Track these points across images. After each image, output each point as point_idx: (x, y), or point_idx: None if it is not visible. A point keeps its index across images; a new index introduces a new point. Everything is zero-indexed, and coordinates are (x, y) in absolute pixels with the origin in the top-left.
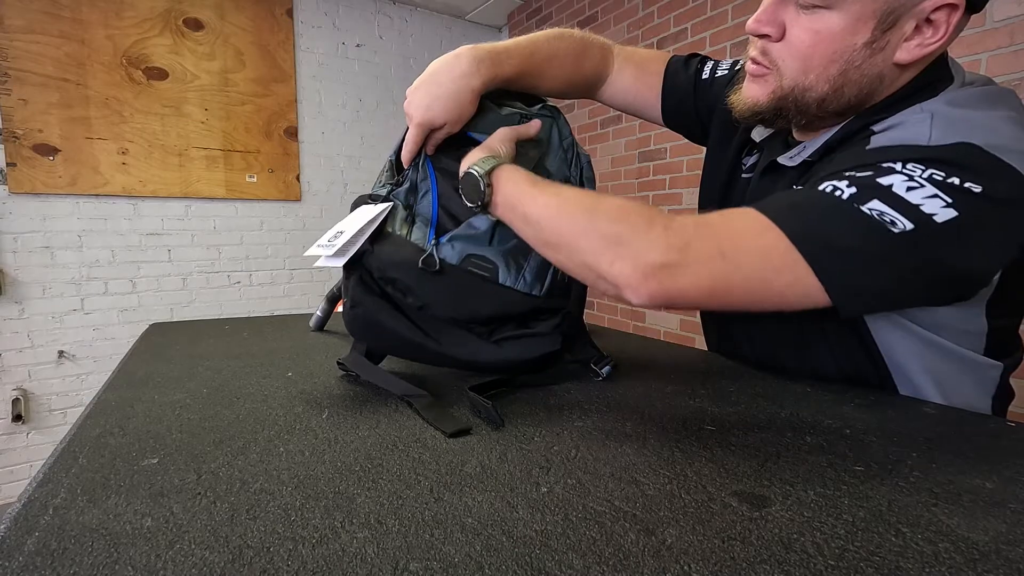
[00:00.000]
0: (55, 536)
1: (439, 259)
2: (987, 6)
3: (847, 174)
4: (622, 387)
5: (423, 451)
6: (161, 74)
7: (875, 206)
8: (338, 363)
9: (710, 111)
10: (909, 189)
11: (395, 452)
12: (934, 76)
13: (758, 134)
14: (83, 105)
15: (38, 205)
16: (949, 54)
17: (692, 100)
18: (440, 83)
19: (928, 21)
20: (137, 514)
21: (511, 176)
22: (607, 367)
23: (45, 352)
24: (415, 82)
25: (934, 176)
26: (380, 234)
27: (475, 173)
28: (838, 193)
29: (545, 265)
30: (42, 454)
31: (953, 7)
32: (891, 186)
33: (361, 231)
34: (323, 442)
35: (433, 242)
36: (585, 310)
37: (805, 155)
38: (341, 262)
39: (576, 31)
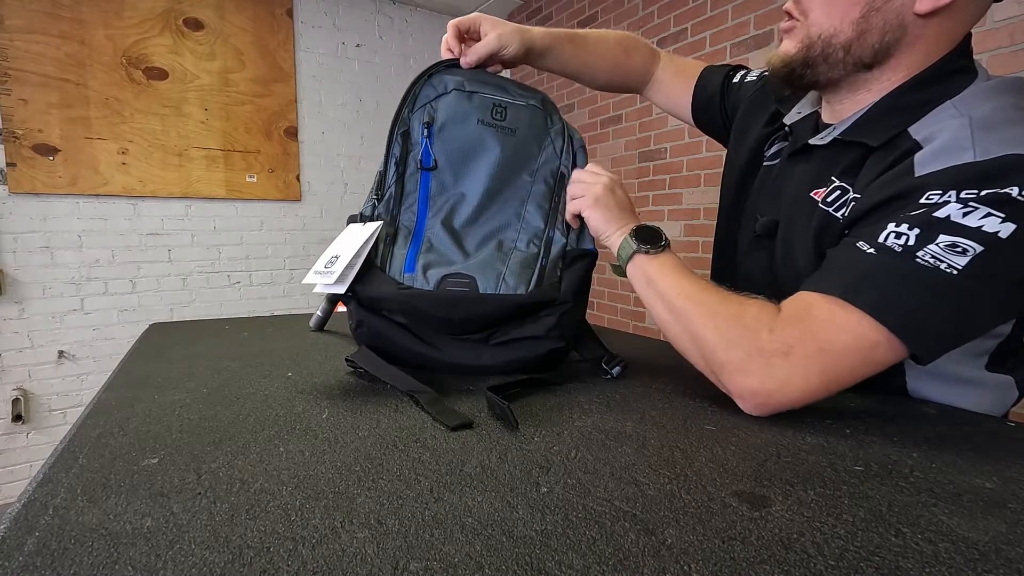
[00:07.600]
0: (55, 536)
1: (416, 291)
2: (987, 7)
3: (903, 215)
4: (622, 387)
5: (423, 451)
6: (161, 74)
7: (943, 240)
8: (346, 360)
9: (735, 110)
10: (966, 215)
11: (395, 452)
12: (964, 63)
13: (790, 118)
14: (83, 105)
15: (38, 205)
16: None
17: (719, 100)
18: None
19: None
20: (137, 514)
21: (668, 256)
22: (617, 367)
23: (45, 352)
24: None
25: (988, 195)
26: (363, 266)
27: (656, 228)
28: (902, 240)
29: (527, 265)
30: (42, 454)
31: None
32: (949, 216)
33: (357, 254)
34: (323, 442)
35: (408, 283)
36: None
37: (835, 133)
38: (343, 288)
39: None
